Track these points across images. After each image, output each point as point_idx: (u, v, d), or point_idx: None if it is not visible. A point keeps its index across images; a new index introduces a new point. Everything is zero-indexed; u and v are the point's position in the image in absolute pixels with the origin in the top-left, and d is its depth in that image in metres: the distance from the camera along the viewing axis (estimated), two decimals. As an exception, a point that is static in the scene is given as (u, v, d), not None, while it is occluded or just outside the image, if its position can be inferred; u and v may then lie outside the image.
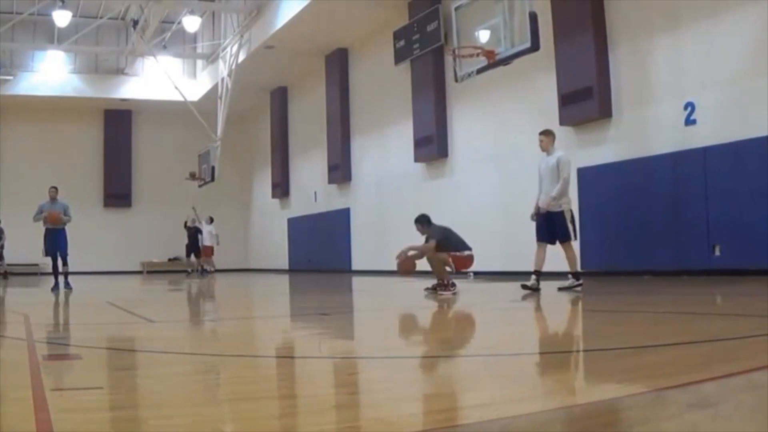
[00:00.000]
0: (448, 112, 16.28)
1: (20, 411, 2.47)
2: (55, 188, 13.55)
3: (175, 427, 2.31)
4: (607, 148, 12.16)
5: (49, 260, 13.19)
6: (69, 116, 26.41)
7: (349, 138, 20.57)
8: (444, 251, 9.38)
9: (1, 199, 25.49)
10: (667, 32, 11.13)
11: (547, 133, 9.47)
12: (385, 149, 18.85)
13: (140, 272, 26.17)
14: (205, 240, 23.25)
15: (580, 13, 12.23)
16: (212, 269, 23.26)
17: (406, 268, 9.76)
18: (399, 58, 17.04)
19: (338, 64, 20.72)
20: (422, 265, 9.57)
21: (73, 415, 2.45)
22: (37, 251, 24.56)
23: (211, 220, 23.50)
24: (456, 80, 11.66)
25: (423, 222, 9.81)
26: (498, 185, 14.21)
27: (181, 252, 25.88)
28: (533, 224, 9.23)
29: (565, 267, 9.29)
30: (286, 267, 24.68)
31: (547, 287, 9.09)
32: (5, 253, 22.14)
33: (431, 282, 9.71)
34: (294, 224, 24.33)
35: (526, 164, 13.99)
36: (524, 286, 9.07)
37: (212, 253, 23.32)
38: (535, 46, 9.82)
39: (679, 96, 10.83)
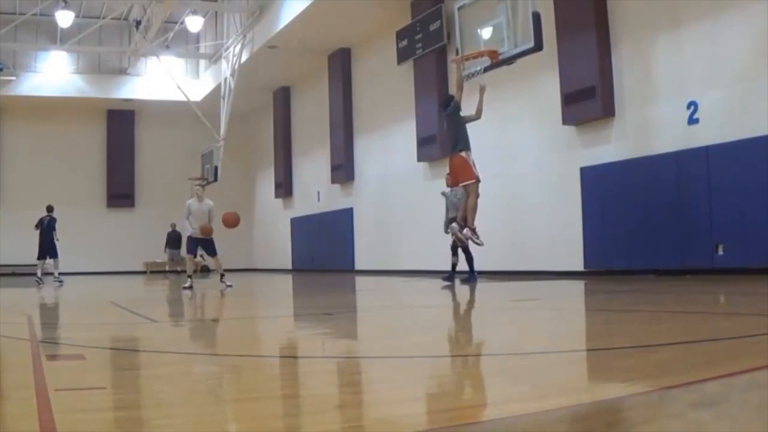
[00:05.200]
0: (451, 111, 16.26)
1: (23, 411, 2.47)
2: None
3: (178, 427, 2.31)
4: (610, 147, 12.15)
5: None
6: (72, 116, 26.45)
7: (352, 138, 20.57)
8: None
9: (4, 199, 25.56)
10: (670, 31, 11.11)
11: None
12: (388, 149, 18.85)
13: (143, 272, 26.19)
14: None
15: (582, 12, 12.22)
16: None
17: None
18: (402, 57, 17.05)
19: (341, 64, 20.73)
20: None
21: (77, 415, 2.45)
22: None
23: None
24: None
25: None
26: (500, 185, 14.18)
27: (184, 252, 25.99)
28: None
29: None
30: (290, 267, 24.70)
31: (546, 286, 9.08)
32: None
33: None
34: (297, 224, 24.35)
35: (528, 164, 14.00)
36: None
37: None
38: (538, 46, 9.82)
39: (682, 95, 10.82)
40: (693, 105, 10.66)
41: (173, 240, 24.34)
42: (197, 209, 13.12)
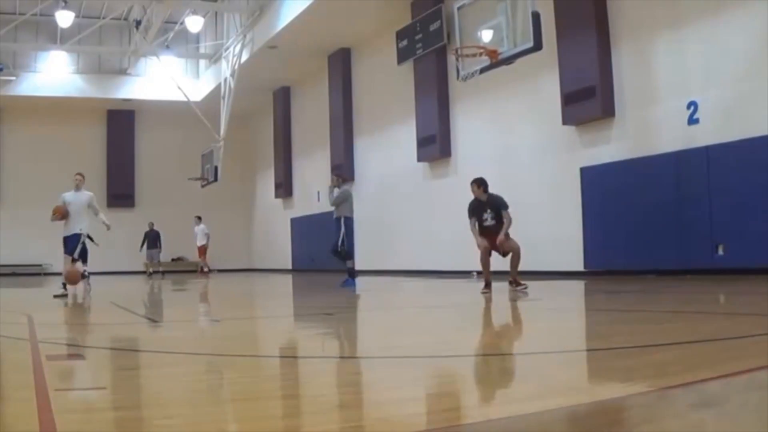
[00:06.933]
0: (451, 111, 16.28)
1: (24, 411, 2.47)
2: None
3: (178, 427, 2.31)
4: (610, 147, 12.14)
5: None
6: (72, 117, 26.44)
7: (352, 138, 20.56)
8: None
9: (4, 199, 25.56)
10: (670, 31, 11.11)
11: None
12: (388, 149, 18.84)
13: (144, 272, 26.17)
14: (200, 240, 23.60)
15: (582, 12, 12.21)
16: (207, 269, 23.75)
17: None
18: (402, 57, 17.04)
19: (341, 64, 20.72)
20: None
21: (77, 415, 2.45)
22: (39, 251, 24.73)
23: (200, 220, 23.83)
24: (458, 79, 11.66)
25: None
26: (500, 185, 14.17)
27: (184, 252, 26.04)
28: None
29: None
30: (290, 267, 24.69)
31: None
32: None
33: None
34: (297, 224, 24.34)
35: (528, 164, 13.99)
36: None
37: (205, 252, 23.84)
38: (537, 46, 9.81)
39: (682, 95, 10.82)
40: (693, 105, 10.65)
41: (151, 239, 24.43)
42: (74, 202, 11.12)
